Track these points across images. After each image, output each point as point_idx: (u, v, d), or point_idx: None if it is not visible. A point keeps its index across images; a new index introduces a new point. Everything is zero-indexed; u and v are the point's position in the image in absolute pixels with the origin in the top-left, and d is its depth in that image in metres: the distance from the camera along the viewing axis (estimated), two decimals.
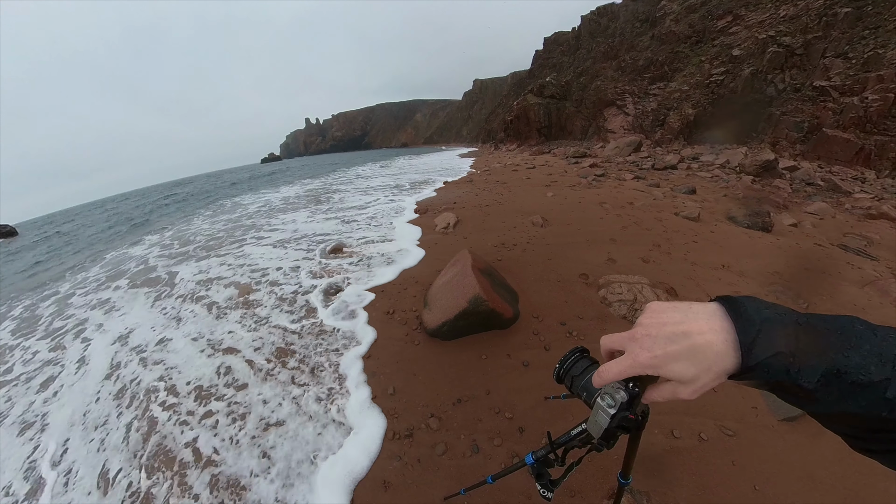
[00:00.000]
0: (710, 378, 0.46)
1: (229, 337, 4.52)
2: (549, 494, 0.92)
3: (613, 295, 4.07)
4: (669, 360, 0.48)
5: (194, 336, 4.72)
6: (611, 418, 0.60)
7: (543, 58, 58.81)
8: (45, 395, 4.21)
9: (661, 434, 2.50)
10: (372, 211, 11.18)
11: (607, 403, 0.60)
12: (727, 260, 5.15)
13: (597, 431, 0.63)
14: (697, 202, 8.70)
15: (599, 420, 0.62)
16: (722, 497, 2.10)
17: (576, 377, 0.69)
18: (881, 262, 5.47)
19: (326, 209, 12.65)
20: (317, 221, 10.64)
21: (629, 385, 0.58)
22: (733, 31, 26.31)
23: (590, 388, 0.65)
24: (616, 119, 32.73)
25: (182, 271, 7.60)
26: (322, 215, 11.55)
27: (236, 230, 11.03)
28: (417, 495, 2.33)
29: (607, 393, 0.60)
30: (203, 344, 4.49)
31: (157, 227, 15.94)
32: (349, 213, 11.33)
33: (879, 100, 15.59)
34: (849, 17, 19.47)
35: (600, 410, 0.61)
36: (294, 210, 13.48)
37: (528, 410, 2.83)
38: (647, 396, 0.57)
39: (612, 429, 0.61)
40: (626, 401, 0.58)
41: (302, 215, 12.01)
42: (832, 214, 8.32)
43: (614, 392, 0.59)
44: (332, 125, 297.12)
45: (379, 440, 2.75)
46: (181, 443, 3.01)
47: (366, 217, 10.34)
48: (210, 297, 5.88)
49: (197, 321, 5.15)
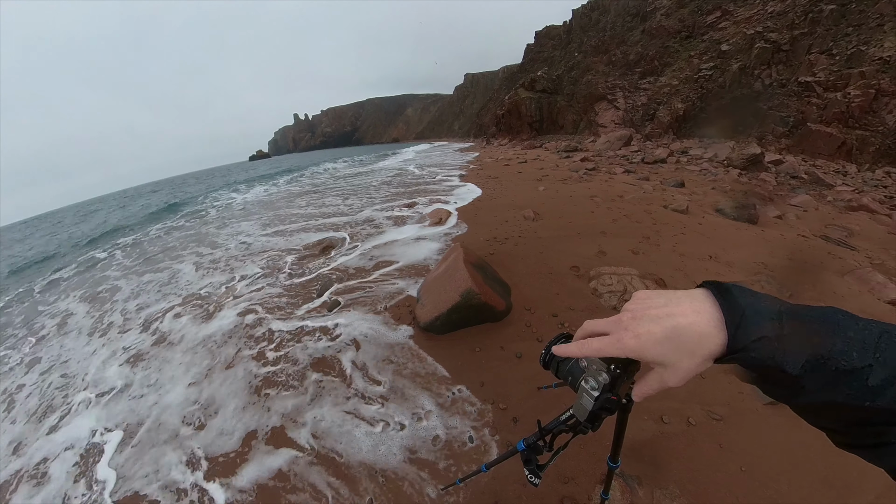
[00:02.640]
0: (695, 362, 0.46)
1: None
2: (536, 480, 0.94)
3: (604, 286, 4.12)
4: (652, 341, 0.47)
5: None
6: (595, 400, 0.61)
7: (535, 52, 58.65)
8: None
9: (651, 420, 2.56)
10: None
11: (591, 386, 0.62)
12: (715, 251, 5.25)
13: (582, 414, 0.65)
14: (686, 195, 8.84)
15: (584, 402, 0.64)
16: (710, 478, 2.16)
17: (561, 362, 0.70)
18: (861, 252, 5.64)
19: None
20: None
21: (611, 367, 0.60)
22: (722, 27, 26.58)
23: (574, 371, 0.67)
24: (607, 113, 32.91)
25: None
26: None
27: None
28: (415, 487, 2.34)
29: (590, 376, 0.62)
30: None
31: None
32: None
33: (861, 95, 15.97)
34: (833, 15, 19.82)
35: (584, 393, 0.63)
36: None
37: (521, 401, 2.86)
38: (636, 392, 0.57)
39: (597, 411, 0.63)
40: (608, 382, 0.60)
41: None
42: (815, 207, 8.55)
43: (597, 374, 0.61)
44: (322, 121, 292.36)
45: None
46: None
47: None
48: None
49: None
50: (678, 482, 2.14)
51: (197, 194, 28.09)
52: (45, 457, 3.23)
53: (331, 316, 4.47)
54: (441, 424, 2.76)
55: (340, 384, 3.34)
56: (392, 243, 6.78)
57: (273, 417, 3.09)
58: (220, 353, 4.18)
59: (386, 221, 8.67)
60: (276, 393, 3.37)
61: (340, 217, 10.06)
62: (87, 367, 4.57)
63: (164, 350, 4.54)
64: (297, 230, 9.30)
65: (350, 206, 11.72)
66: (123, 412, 3.57)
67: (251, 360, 3.93)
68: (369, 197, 12.91)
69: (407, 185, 14.55)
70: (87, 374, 4.43)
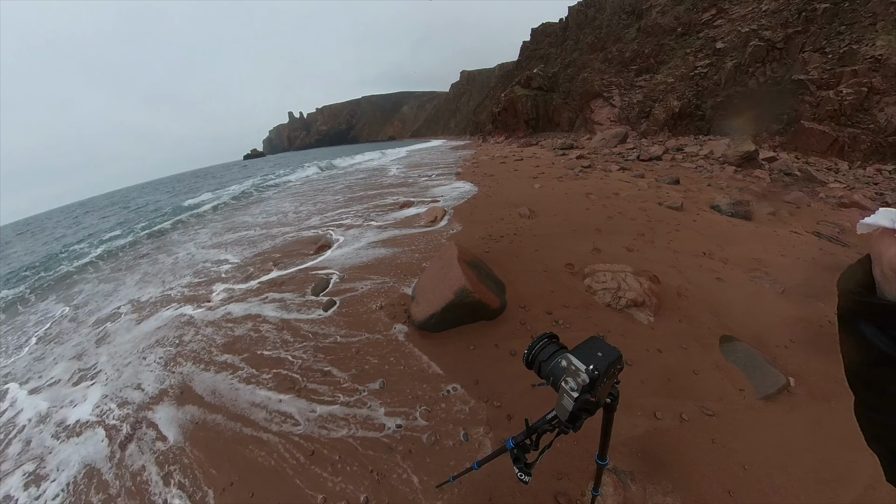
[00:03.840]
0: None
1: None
2: (526, 478, 0.96)
3: (598, 284, 4.13)
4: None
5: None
6: (574, 401, 0.61)
7: (531, 49, 58.54)
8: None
9: (644, 416, 2.56)
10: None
11: (570, 387, 0.61)
12: (709, 247, 5.28)
13: (563, 414, 0.65)
14: (681, 192, 8.88)
15: (565, 403, 0.63)
16: (702, 473, 2.17)
17: (543, 362, 0.70)
18: (852, 248, 5.69)
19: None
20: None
21: (589, 367, 0.59)
22: (717, 25, 26.66)
23: (556, 372, 0.66)
24: (603, 111, 32.96)
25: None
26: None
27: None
28: (410, 486, 2.33)
29: (570, 377, 0.61)
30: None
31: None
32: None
33: (853, 94, 16.12)
34: (827, 13, 19.95)
35: (565, 394, 0.63)
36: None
37: (515, 398, 2.86)
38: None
39: (576, 412, 0.62)
40: (588, 384, 0.59)
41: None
42: (808, 203, 8.61)
43: (575, 375, 0.60)
44: (317, 119, 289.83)
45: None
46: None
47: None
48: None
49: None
50: (671, 477, 2.15)
51: (130, 218, 20.36)
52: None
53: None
54: (436, 422, 2.75)
55: (331, 382, 3.32)
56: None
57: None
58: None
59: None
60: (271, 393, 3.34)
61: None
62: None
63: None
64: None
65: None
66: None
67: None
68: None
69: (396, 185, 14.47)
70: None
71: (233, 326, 4.66)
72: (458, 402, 2.91)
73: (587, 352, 0.64)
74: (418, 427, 2.73)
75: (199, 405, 3.38)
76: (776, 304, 3.92)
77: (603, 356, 0.62)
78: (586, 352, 0.64)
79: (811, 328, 3.48)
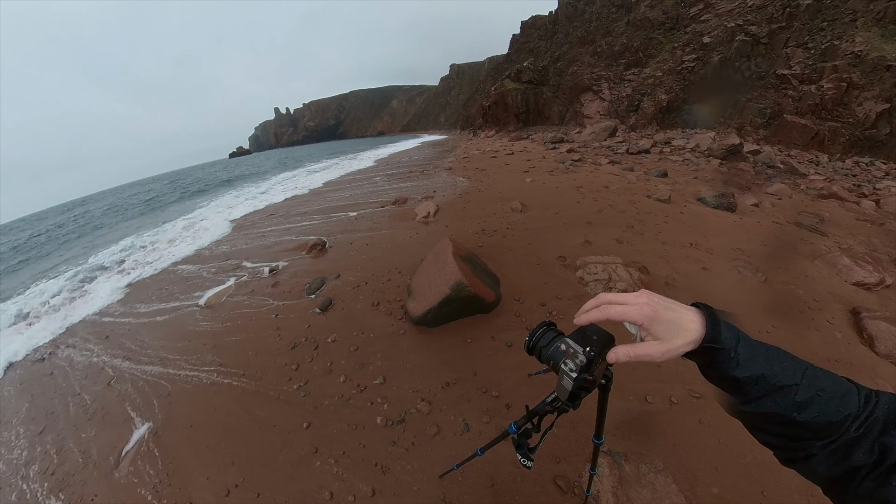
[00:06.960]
0: (680, 342, 0.60)
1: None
2: (528, 463, 1.01)
3: (590, 275, 4.24)
4: (664, 318, 0.62)
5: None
6: (573, 381, 0.67)
7: (521, 42, 58.33)
8: None
9: (636, 400, 2.68)
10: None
11: (569, 368, 0.68)
12: (696, 238, 5.44)
13: (563, 394, 0.72)
14: (669, 185, 9.07)
15: (565, 384, 0.70)
16: (691, 451, 2.30)
17: (543, 348, 0.76)
18: (830, 237, 5.93)
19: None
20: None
21: (586, 349, 0.66)
22: (704, 19, 26.98)
23: (556, 356, 0.72)
24: (592, 104, 33.18)
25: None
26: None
27: None
28: (415, 476, 2.40)
29: (569, 359, 0.68)
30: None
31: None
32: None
33: (834, 88, 16.57)
34: (810, 9, 20.36)
35: (564, 375, 0.69)
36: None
37: (513, 388, 2.95)
38: (618, 351, 0.66)
39: (576, 390, 0.69)
40: (585, 364, 0.66)
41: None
42: (789, 195, 8.90)
43: (574, 357, 0.68)
44: (304, 114, 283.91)
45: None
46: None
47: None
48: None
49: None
50: (662, 456, 2.27)
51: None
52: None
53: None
54: (436, 414, 2.82)
55: (335, 379, 3.36)
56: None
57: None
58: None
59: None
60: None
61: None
62: None
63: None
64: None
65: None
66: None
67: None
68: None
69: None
70: None
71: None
72: (457, 393, 2.98)
73: (583, 336, 0.71)
74: (420, 419, 2.80)
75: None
76: (758, 291, 4.09)
77: (598, 339, 0.69)
78: (582, 336, 0.71)
79: (791, 313, 3.65)
